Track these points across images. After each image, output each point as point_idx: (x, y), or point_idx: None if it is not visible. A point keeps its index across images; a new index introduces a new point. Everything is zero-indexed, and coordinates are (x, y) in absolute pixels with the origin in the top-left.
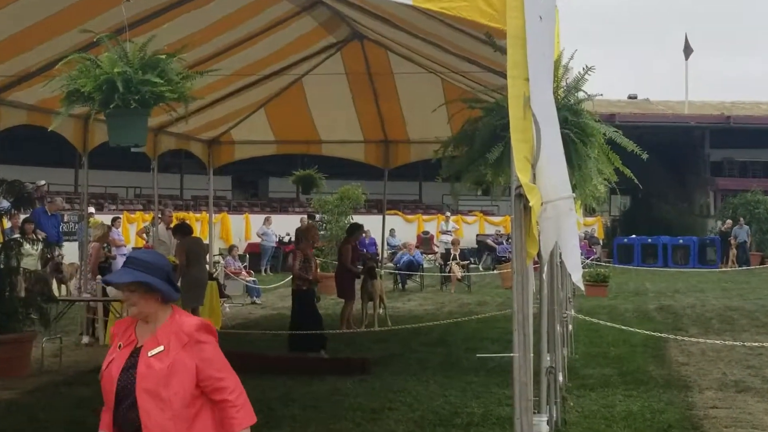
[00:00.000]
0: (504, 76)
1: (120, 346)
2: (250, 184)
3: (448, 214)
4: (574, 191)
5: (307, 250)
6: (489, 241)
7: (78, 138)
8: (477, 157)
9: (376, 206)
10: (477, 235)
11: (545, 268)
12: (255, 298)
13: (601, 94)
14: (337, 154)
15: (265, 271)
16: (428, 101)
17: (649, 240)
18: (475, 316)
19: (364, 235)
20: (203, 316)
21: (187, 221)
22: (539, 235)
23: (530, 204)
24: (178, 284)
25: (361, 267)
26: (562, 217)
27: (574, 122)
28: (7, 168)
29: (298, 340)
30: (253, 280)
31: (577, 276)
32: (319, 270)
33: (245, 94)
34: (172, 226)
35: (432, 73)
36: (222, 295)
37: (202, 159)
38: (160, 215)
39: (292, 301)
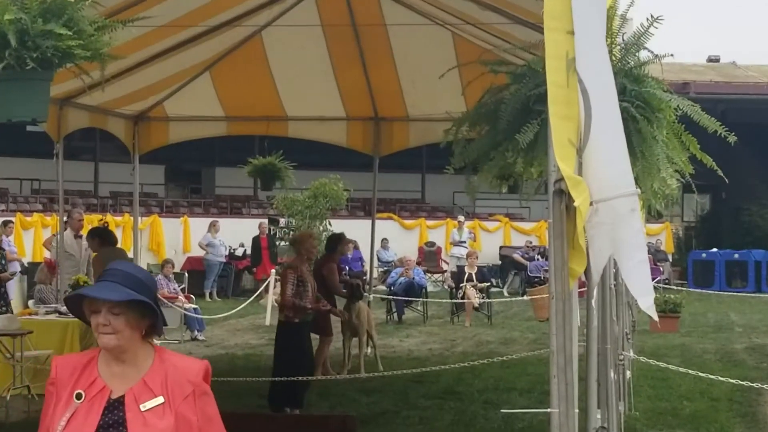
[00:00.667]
0: (539, 29)
1: (79, 396)
2: (191, 176)
3: (462, 218)
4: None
5: (302, 268)
6: (517, 256)
7: (52, 125)
8: (502, 140)
9: (362, 207)
10: (501, 248)
11: (594, 293)
12: (197, 332)
13: (672, 55)
14: (310, 137)
15: (210, 295)
16: (434, 64)
17: (736, 255)
18: (498, 359)
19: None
20: None
21: (106, 224)
22: (587, 247)
23: (575, 204)
24: None
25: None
26: (620, 222)
27: (635, 92)
28: None
29: (281, 391)
30: (194, 308)
31: (646, 302)
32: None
33: (183, 54)
34: (83, 232)
35: (440, 25)
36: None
37: (124, 142)
38: (66, 218)
39: (277, 338)
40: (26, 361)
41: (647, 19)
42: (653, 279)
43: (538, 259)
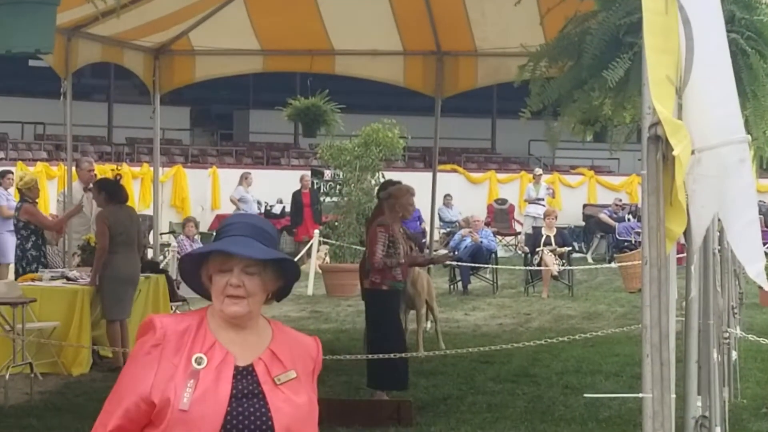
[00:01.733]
0: None
1: (199, 360)
2: (220, 119)
3: (539, 171)
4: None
5: (394, 227)
6: (603, 216)
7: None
8: (587, 78)
9: (421, 157)
10: (584, 206)
11: (695, 258)
12: None
13: None
14: (361, 74)
15: None
16: None
17: None
18: (581, 336)
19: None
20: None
21: (119, 177)
22: (688, 204)
23: (674, 152)
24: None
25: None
26: (727, 175)
27: (746, 21)
28: None
29: (379, 371)
30: None
31: (756, 269)
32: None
33: None
34: (92, 184)
35: None
36: (174, 297)
37: (143, 80)
38: (74, 168)
39: (366, 309)
40: (28, 335)
41: None
42: (765, 243)
43: (629, 220)
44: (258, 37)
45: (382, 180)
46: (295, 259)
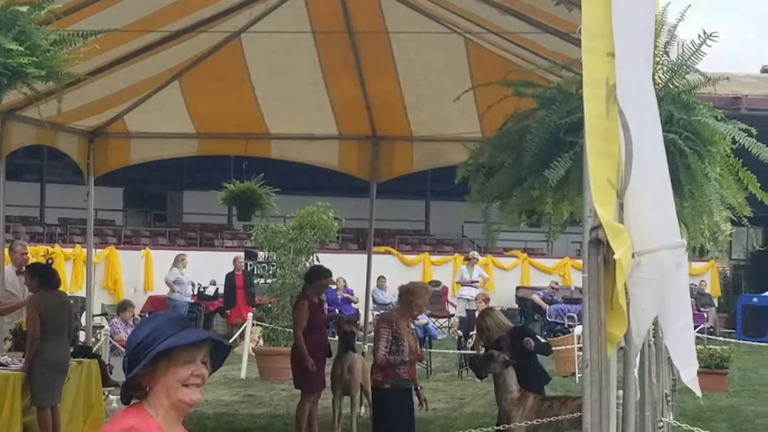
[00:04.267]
0: (574, 41)
1: None
2: (154, 200)
3: (475, 254)
4: (681, 231)
5: (400, 323)
6: (537, 298)
7: None
8: (527, 176)
9: (355, 239)
10: (517, 289)
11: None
12: None
13: (727, 78)
14: (296, 158)
15: None
16: (444, 75)
17: None
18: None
19: (334, 285)
20: (75, 415)
21: (51, 261)
22: (629, 307)
23: (615, 256)
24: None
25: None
26: (666, 279)
27: (684, 121)
28: None
29: None
30: None
31: (689, 374)
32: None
33: (148, 59)
34: (25, 268)
35: (453, 32)
36: (107, 382)
37: (77, 162)
38: (7, 250)
39: (372, 407)
40: None
41: (699, 35)
42: (696, 327)
43: (560, 302)
44: (193, 120)
45: (316, 263)
46: (229, 342)
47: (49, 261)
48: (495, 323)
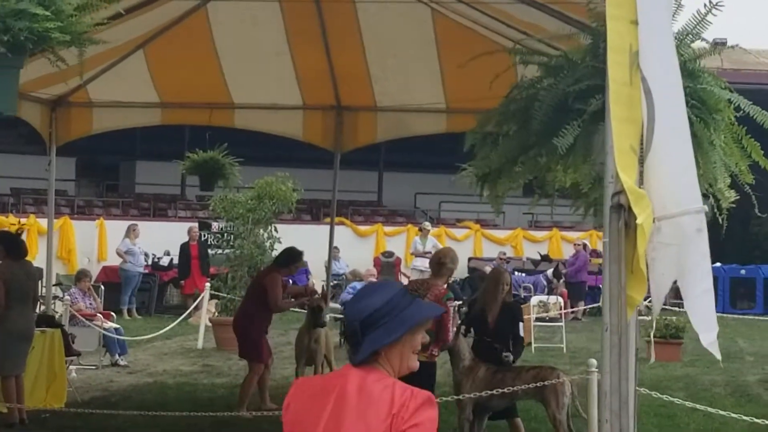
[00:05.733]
0: (543, 9)
1: None
2: (107, 171)
3: (428, 224)
4: None
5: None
6: (488, 269)
7: None
8: (534, 143)
9: (308, 210)
10: (470, 260)
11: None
12: (118, 356)
13: (737, 45)
14: (260, 128)
15: (129, 312)
16: (409, 45)
17: (743, 272)
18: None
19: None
20: (38, 385)
21: (20, 232)
22: (649, 271)
23: (637, 221)
24: None
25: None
26: (686, 243)
27: (690, 90)
28: None
29: None
30: (115, 328)
31: (709, 338)
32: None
33: (113, 29)
34: None
35: (419, 1)
36: (69, 351)
37: (39, 131)
38: None
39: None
40: None
41: (704, 4)
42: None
43: (513, 274)
44: (157, 90)
45: (274, 234)
46: (187, 313)
47: (20, 231)
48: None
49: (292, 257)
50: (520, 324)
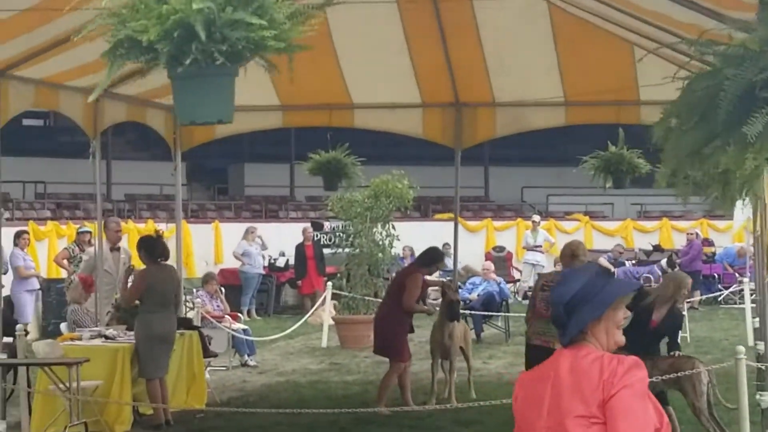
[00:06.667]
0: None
1: None
2: (215, 174)
3: (537, 218)
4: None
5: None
6: (603, 261)
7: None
8: (720, 132)
9: (417, 207)
10: None
11: None
12: (247, 356)
13: None
14: (380, 127)
15: (249, 313)
16: (526, 39)
17: None
18: None
19: (401, 255)
20: (179, 387)
21: (159, 234)
22: None
23: None
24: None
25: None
26: None
27: None
28: None
29: None
30: (243, 329)
31: None
32: None
33: None
34: (119, 245)
35: None
36: (207, 353)
37: (165, 138)
38: (87, 234)
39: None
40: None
41: None
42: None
43: (626, 264)
44: (278, 92)
45: (392, 231)
46: (309, 313)
47: (159, 234)
48: None
49: (434, 258)
50: (679, 333)
